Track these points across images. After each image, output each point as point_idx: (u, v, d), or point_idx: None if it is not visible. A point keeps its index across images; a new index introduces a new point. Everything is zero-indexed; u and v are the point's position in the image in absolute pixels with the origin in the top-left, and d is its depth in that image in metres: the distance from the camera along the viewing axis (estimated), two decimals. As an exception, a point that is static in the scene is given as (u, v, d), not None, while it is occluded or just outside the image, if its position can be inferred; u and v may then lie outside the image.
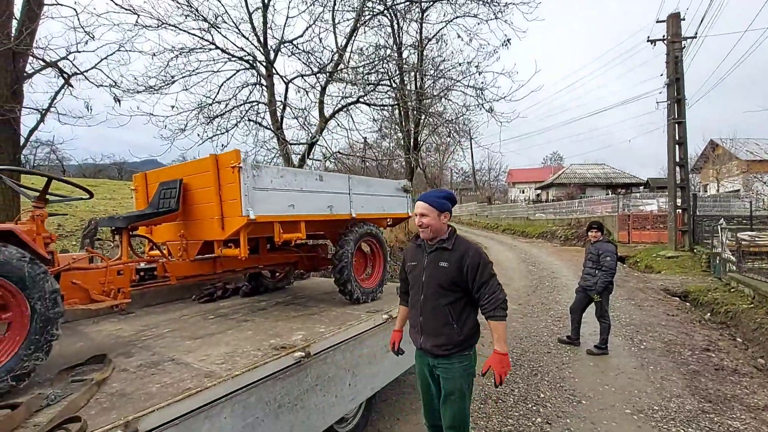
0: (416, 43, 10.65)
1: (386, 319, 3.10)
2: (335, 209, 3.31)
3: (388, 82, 9.79)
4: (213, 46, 7.83)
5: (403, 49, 10.36)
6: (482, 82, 9.70)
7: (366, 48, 9.55)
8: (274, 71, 8.42)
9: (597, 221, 5.40)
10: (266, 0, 7.97)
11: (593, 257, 5.12)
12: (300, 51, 8.34)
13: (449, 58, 10.66)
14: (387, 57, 9.44)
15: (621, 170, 38.33)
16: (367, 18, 8.92)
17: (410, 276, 2.35)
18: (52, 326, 1.89)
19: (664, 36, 14.29)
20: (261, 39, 8.15)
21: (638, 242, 17.07)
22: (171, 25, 7.14)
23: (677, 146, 14.12)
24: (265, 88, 8.58)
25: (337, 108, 9.20)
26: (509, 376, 4.39)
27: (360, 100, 9.21)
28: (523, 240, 22.68)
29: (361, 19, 8.66)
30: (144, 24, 6.80)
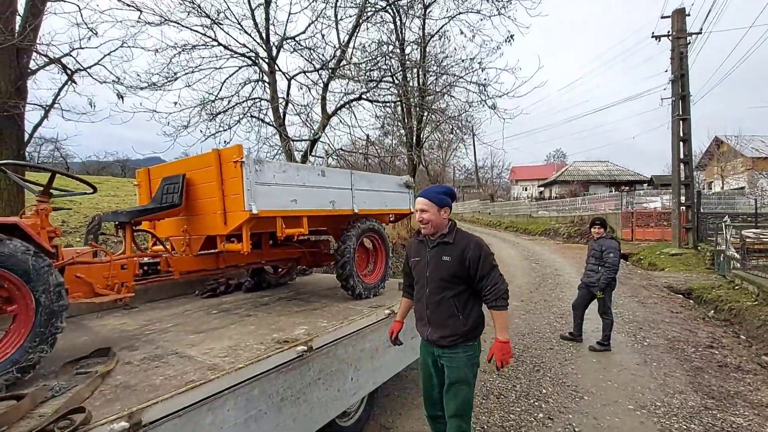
0: (419, 40, 10.62)
1: (388, 315, 3.11)
2: (337, 205, 3.31)
3: (391, 79, 9.77)
4: (215, 43, 7.83)
5: (406, 46, 10.33)
6: (485, 79, 9.67)
7: (368, 45, 9.53)
8: (277, 68, 8.42)
9: (600, 218, 5.39)
10: (268, -4, 7.97)
11: (596, 254, 5.11)
12: (302, 47, 8.33)
13: (452, 55, 10.62)
14: (389, 53, 9.41)
15: (625, 167, 38.16)
16: (370, 14, 8.90)
17: (414, 271, 2.41)
18: (57, 319, 1.90)
19: (669, 32, 14.18)
20: (263, 35, 8.14)
21: (642, 240, 17.00)
22: (173, 22, 7.14)
23: (681, 143, 14.03)
24: (268, 85, 8.58)
25: (340, 105, 9.20)
26: (511, 372, 4.40)
27: (362, 97, 9.20)
28: (526, 237, 22.64)
29: (364, 15, 8.64)
30: (147, 20, 6.81)
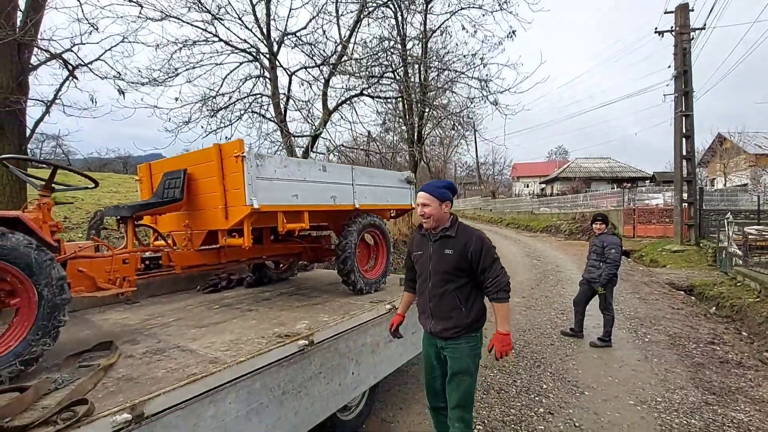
0: (420, 35, 10.57)
1: (389, 310, 3.11)
2: (338, 200, 3.31)
3: (392, 75, 9.74)
4: (216, 39, 7.81)
5: (407, 41, 10.29)
6: (487, 75, 9.63)
7: (370, 40, 9.50)
8: (278, 63, 8.39)
9: (602, 214, 5.38)
10: (269, -9, 7.94)
11: (597, 249, 5.10)
12: (303, 43, 8.30)
13: (453, 51, 10.58)
14: (391, 48, 9.37)
15: (627, 164, 38.03)
16: (371, 9, 8.85)
17: (417, 265, 2.43)
18: (59, 312, 1.91)
19: (672, 27, 14.09)
20: (264, 31, 8.11)
21: (643, 236, 16.98)
22: (174, 17, 7.11)
23: (684, 139, 13.97)
24: (269, 81, 8.56)
25: (341, 100, 9.17)
26: (512, 368, 4.41)
27: (364, 93, 9.17)
28: (528, 234, 22.62)
29: (365, 11, 8.60)
30: (147, 16, 6.78)
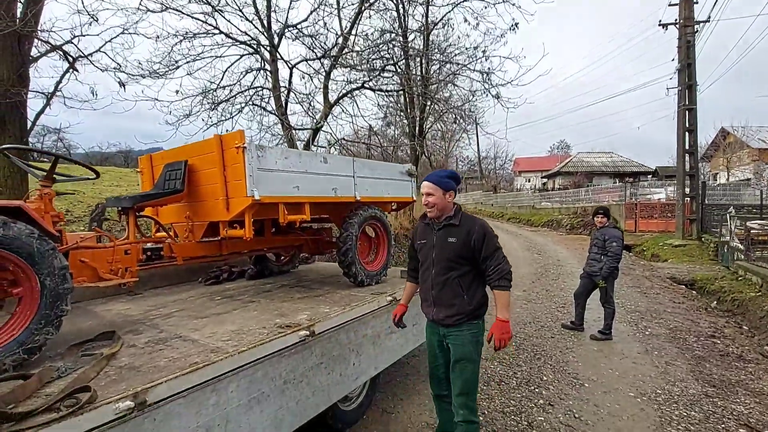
0: (422, 28, 10.48)
1: (390, 301, 3.12)
2: (340, 192, 3.30)
3: (393, 68, 9.68)
4: (217, 31, 7.77)
5: (409, 34, 10.21)
6: (489, 67, 9.56)
7: (371, 33, 9.43)
8: (279, 56, 8.35)
9: (603, 207, 5.37)
10: (270, -18, 7.87)
11: (599, 243, 5.10)
12: (304, 35, 8.25)
13: (455, 43, 10.50)
14: (392, 41, 9.30)
15: (629, 159, 37.90)
16: (372, 1, 8.78)
17: (420, 253, 2.47)
18: (62, 302, 1.92)
19: (676, 20, 13.95)
20: (265, 23, 8.06)
21: (645, 231, 16.94)
22: (174, 9, 7.08)
23: (687, 133, 13.88)
24: (270, 74, 8.52)
25: (342, 93, 9.13)
26: (512, 360, 4.42)
27: (365, 86, 9.13)
28: (529, 229, 22.61)
29: (366, 3, 8.52)
30: (147, 7, 6.75)
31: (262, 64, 8.56)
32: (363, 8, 8.49)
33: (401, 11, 9.99)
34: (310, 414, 2.35)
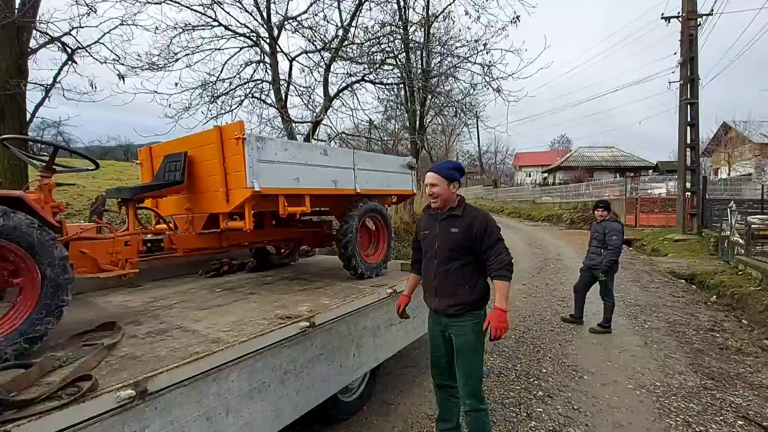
0: (423, 20, 10.39)
1: (390, 294, 3.13)
2: (340, 184, 3.29)
3: (394, 61, 9.61)
4: (216, 23, 7.71)
5: (410, 27, 10.12)
6: (490, 60, 9.49)
7: (371, 25, 9.35)
8: (278, 48, 8.30)
9: (604, 200, 5.36)
10: (269, -26, 7.80)
11: (599, 236, 5.09)
12: (304, 27, 8.19)
13: (456, 36, 10.41)
14: (392, 33, 9.23)
15: (630, 153, 37.77)
16: (373, -7, 8.70)
17: (423, 244, 2.48)
18: (63, 292, 1.92)
19: (679, 12, 13.83)
20: (264, 15, 8.00)
21: (645, 226, 16.94)
22: (173, 1, 7.02)
23: (689, 128, 13.82)
24: (269, 66, 8.47)
25: (342, 86, 9.09)
26: (512, 352, 4.44)
27: (365, 78, 9.08)
28: (529, 223, 22.60)
29: (367, -6, 8.45)
30: (146, -1, 6.69)
31: (262, 57, 8.51)
32: (363, 0, 8.42)
33: (402, 3, 9.90)
34: (311, 404, 2.36)
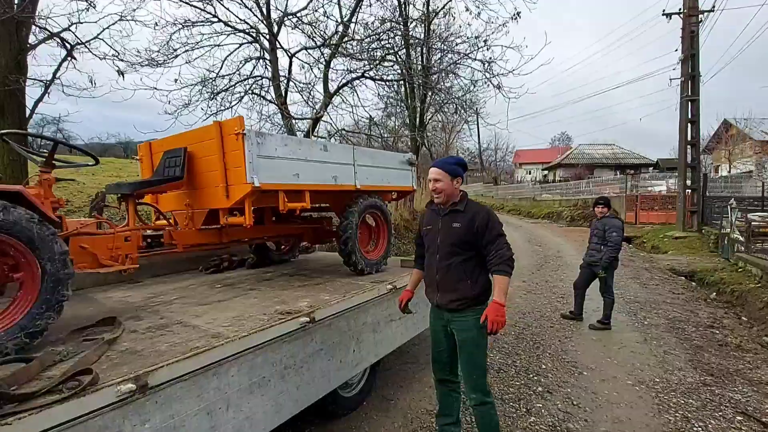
0: (423, 16, 10.35)
1: (390, 290, 3.13)
2: (340, 180, 3.29)
3: (394, 57, 9.58)
4: (215, 19, 7.69)
5: (410, 23, 10.08)
6: (490, 57, 9.46)
7: (371, 21, 9.32)
8: (278, 44, 8.27)
9: (604, 197, 5.36)
10: (269, -30, 7.76)
11: (599, 233, 5.09)
12: (303, 23, 8.16)
13: (457, 32, 10.37)
14: (392, 29, 9.19)
15: (631, 151, 37.73)
16: (373, -11, 8.67)
17: (426, 239, 2.49)
18: (63, 287, 1.92)
19: (681, 9, 13.77)
20: (264, 11, 7.97)
21: (645, 223, 16.95)
22: (172, -4, 6.99)
23: (690, 125, 13.80)
24: (269, 62, 8.45)
25: (342, 83, 9.07)
26: (511, 349, 4.45)
27: (365, 75, 9.05)
28: (529, 221, 22.60)
29: (367, -9, 8.42)
30: (145, -6, 6.67)
31: (262, 53, 8.48)
32: (363, -4, 8.39)
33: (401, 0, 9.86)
34: (311, 399, 2.37)
